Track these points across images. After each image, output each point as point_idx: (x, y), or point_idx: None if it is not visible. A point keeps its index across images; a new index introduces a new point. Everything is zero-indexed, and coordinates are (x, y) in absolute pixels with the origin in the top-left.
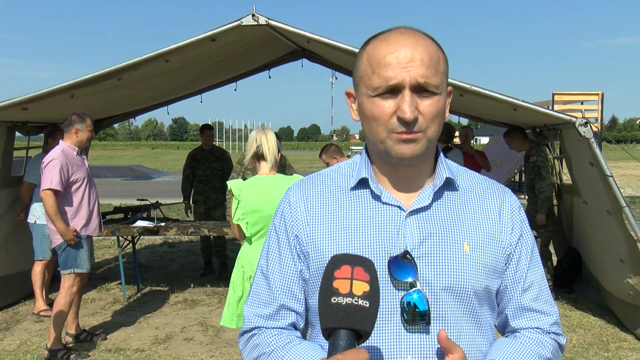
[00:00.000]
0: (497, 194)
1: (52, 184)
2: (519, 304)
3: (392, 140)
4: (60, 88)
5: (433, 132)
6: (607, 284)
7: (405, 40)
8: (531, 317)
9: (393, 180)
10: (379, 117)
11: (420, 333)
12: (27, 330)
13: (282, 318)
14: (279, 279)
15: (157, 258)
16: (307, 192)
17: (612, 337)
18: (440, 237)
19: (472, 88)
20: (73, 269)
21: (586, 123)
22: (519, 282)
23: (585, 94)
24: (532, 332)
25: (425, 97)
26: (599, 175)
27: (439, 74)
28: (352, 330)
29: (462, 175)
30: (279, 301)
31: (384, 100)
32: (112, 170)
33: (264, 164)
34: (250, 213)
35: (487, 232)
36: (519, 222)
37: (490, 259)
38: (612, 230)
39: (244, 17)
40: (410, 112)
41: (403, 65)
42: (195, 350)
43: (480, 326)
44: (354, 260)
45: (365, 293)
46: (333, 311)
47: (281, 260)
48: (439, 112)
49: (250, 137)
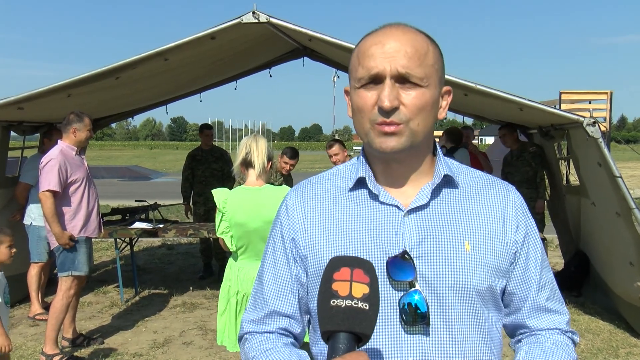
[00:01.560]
0: (501, 191)
1: (50, 185)
2: (535, 303)
3: (374, 133)
4: (57, 87)
5: (418, 126)
6: (616, 288)
7: (391, 32)
8: (548, 317)
9: (390, 179)
10: (362, 108)
11: (420, 334)
12: (22, 334)
13: (272, 322)
14: (272, 284)
15: (155, 260)
16: (305, 195)
17: (621, 343)
18: (439, 235)
19: (477, 87)
20: (71, 271)
21: (594, 122)
22: (531, 280)
23: (594, 92)
24: (556, 334)
25: (408, 88)
26: (607, 176)
27: (426, 67)
28: (352, 333)
29: (463, 173)
30: (271, 306)
31: (367, 91)
32: (110, 170)
33: (251, 172)
34: (234, 226)
35: (489, 231)
36: (524, 220)
37: (492, 257)
38: (621, 232)
39: (244, 15)
40: (388, 100)
41: (386, 56)
42: (194, 355)
43: (482, 327)
44: (354, 262)
45: (365, 295)
46: (332, 314)
47: (275, 265)
48: (424, 105)
49: (240, 143)
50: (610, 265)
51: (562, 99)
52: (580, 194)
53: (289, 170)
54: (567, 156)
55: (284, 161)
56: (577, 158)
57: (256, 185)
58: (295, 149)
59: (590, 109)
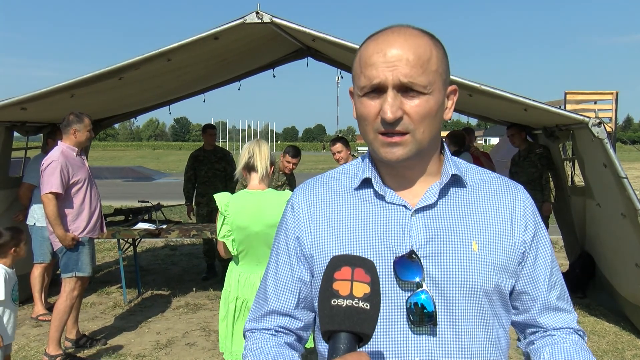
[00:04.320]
0: (509, 191)
1: (53, 187)
2: (547, 303)
3: (379, 143)
4: (60, 87)
5: (422, 134)
6: (622, 289)
7: (393, 39)
8: (560, 316)
9: (396, 180)
10: (366, 117)
11: (427, 334)
12: (26, 335)
13: (271, 320)
14: (273, 283)
15: (158, 261)
16: (310, 194)
17: (627, 345)
18: (447, 235)
19: (481, 87)
20: (74, 272)
21: (600, 123)
22: (541, 280)
23: (599, 93)
24: (571, 334)
25: (411, 97)
26: (613, 177)
27: (429, 73)
28: (353, 333)
29: (471, 173)
30: (270, 305)
31: (370, 100)
32: (113, 171)
33: (254, 175)
34: (236, 230)
35: (497, 230)
36: (533, 220)
37: (500, 257)
38: (627, 233)
39: (247, 15)
40: (390, 112)
41: (387, 65)
42: (197, 356)
43: (490, 327)
44: (355, 261)
45: (366, 295)
46: (333, 313)
47: (277, 264)
48: (428, 113)
49: (243, 148)
50: (615, 267)
51: (567, 99)
52: (586, 195)
53: (292, 169)
54: (572, 157)
55: (286, 160)
56: (582, 159)
57: (259, 189)
58: (297, 148)
59: (596, 110)
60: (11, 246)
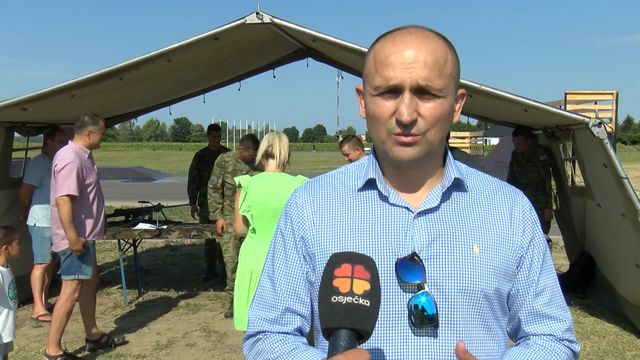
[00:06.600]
0: (508, 195)
1: (70, 190)
2: (532, 309)
3: (391, 142)
4: (60, 88)
5: (434, 136)
6: (622, 290)
7: (411, 40)
8: (544, 323)
9: (400, 181)
10: (379, 117)
11: (428, 336)
12: (26, 335)
13: (288, 322)
14: (285, 282)
15: (158, 262)
16: (314, 193)
17: (628, 345)
18: (449, 238)
19: (481, 88)
20: (77, 275)
21: (600, 123)
22: (531, 286)
23: (599, 93)
24: (545, 340)
25: (427, 100)
26: (613, 177)
27: (445, 77)
28: (353, 330)
29: (471, 177)
30: (285, 304)
31: (385, 100)
32: (113, 171)
33: (271, 162)
34: (255, 205)
35: (497, 234)
36: (531, 224)
37: (501, 261)
38: (627, 234)
39: (247, 16)
40: (407, 114)
41: (405, 66)
42: (197, 356)
43: (490, 330)
44: (355, 258)
45: (366, 292)
46: (333, 310)
47: (287, 262)
48: (442, 116)
49: (264, 138)
50: (615, 267)
51: (567, 100)
52: (586, 195)
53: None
54: (573, 157)
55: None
56: (583, 159)
57: (276, 172)
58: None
59: (596, 110)
60: (2, 244)
